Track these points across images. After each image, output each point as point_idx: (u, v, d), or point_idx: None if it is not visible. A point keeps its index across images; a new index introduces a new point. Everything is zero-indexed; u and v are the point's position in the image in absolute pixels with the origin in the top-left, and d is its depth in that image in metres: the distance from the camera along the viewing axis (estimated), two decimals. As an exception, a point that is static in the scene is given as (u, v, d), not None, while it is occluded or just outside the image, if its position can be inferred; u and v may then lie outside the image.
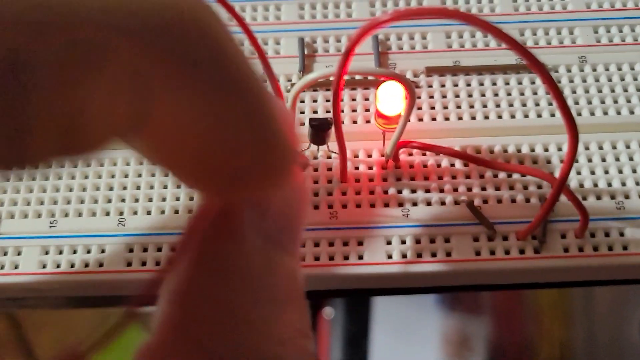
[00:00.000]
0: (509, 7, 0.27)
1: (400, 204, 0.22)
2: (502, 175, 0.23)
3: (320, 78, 0.19)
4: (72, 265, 0.22)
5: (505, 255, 0.21)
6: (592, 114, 0.24)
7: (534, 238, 0.22)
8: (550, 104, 0.24)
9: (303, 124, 0.24)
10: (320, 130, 0.21)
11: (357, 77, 0.25)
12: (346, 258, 0.21)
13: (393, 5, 0.27)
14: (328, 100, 0.25)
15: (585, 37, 0.26)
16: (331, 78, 0.19)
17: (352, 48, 0.16)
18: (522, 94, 0.24)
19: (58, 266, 0.22)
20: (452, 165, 0.23)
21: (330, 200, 0.22)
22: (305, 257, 0.22)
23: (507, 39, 0.15)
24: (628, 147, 0.23)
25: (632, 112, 0.24)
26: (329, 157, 0.23)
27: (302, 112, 0.24)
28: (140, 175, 0.23)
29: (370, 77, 0.24)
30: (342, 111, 0.24)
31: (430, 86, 0.25)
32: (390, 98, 0.20)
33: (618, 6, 0.26)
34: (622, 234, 0.22)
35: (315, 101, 0.25)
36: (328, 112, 0.24)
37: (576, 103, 0.24)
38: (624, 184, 0.23)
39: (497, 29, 0.15)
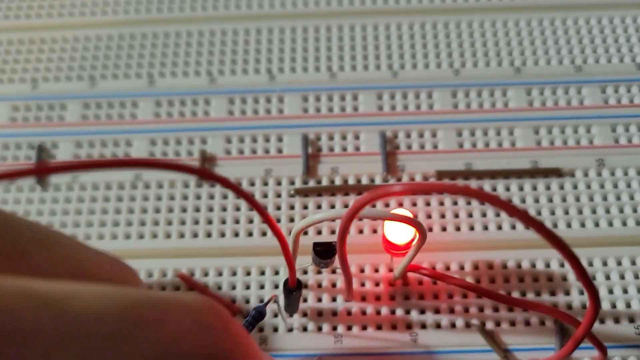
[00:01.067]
0: (523, 102, 0.25)
1: (409, 327, 0.21)
2: (515, 293, 0.22)
3: (326, 220, 0.18)
4: None
5: (519, 387, 0.20)
6: (610, 224, 0.23)
7: (549, 367, 0.21)
8: (567, 213, 0.23)
9: (306, 233, 0.23)
10: (324, 257, 0.20)
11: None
12: (351, 387, 0.20)
13: (401, 97, 0.26)
14: (333, 206, 0.23)
15: (602, 136, 0.24)
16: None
17: (356, 212, 0.15)
18: (536, 200, 0.23)
19: None
20: (463, 282, 0.22)
21: (335, 321, 0.21)
22: (308, 385, 0.20)
23: (532, 222, 0.14)
24: (648, 263, 0.22)
25: (652, 223, 0.23)
26: (334, 272, 0.22)
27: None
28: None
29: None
30: (348, 219, 0.23)
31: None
32: (399, 230, 0.19)
33: (637, 101, 0.25)
34: (641, 362, 0.21)
35: (319, 207, 0.23)
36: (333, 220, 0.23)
37: (593, 212, 0.23)
38: (644, 305, 0.21)
39: (520, 211, 0.14)
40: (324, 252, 0.20)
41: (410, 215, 0.20)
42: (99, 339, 0.09)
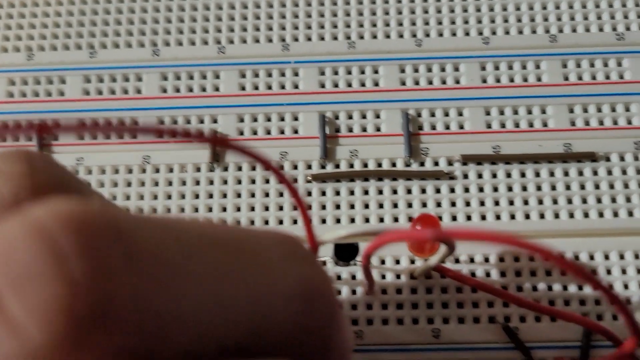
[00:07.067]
0: (558, 75, 0.23)
1: (430, 320, 0.21)
2: (541, 286, 0.21)
3: (350, 236, 0.17)
4: None
5: (542, 386, 0.20)
6: (646, 213, 0.22)
7: (574, 364, 0.20)
8: (599, 201, 0.22)
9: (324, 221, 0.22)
10: (344, 258, 0.19)
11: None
12: (372, 383, 0.20)
13: (425, 70, 0.24)
14: (352, 193, 0.22)
15: (642, 115, 0.23)
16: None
17: (378, 246, 0.14)
18: (567, 187, 0.22)
19: None
20: (488, 274, 0.21)
21: (355, 315, 0.21)
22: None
23: (576, 270, 0.12)
24: (683, 255, 0.21)
25: (690, 213, 0.22)
26: (354, 264, 0.22)
27: (324, 208, 0.22)
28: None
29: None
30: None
31: (466, 176, 0.22)
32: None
33: (682, 75, 0.23)
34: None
35: (337, 193, 0.22)
36: (352, 207, 0.22)
37: (628, 200, 0.22)
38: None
39: (564, 260, 0.12)
40: (345, 255, 0.19)
41: (438, 223, 0.19)
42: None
